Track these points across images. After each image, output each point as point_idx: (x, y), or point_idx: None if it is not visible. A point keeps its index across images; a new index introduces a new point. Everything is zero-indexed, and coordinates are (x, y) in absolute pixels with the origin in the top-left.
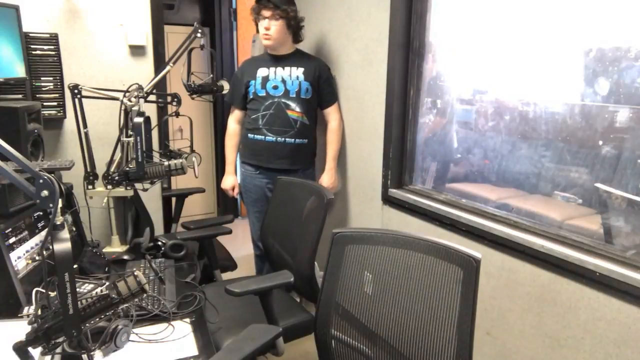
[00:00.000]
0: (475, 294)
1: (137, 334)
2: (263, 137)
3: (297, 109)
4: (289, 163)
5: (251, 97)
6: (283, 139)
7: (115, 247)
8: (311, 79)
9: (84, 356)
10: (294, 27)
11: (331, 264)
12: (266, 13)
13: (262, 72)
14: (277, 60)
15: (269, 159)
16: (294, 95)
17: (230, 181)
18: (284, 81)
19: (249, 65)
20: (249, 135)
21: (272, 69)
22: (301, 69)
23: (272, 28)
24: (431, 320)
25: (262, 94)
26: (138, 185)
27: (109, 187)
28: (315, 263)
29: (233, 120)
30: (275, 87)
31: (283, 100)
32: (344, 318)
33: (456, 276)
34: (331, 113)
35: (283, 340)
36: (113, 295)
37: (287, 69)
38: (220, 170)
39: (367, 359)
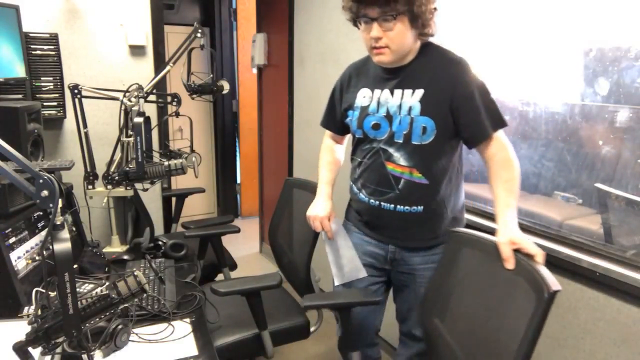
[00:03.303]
0: (540, 325)
1: (137, 334)
2: (358, 192)
3: (402, 162)
4: (396, 236)
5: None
6: (377, 202)
7: (115, 247)
8: (437, 110)
9: (84, 356)
10: (423, 22)
11: (443, 263)
12: (372, 12)
13: (362, 97)
14: (389, 75)
15: (372, 223)
16: (401, 140)
17: (321, 207)
18: (389, 116)
19: (352, 76)
20: (351, 184)
21: (377, 92)
22: (419, 92)
23: (386, 36)
24: (493, 335)
25: (359, 135)
26: (138, 185)
27: (109, 187)
28: (312, 267)
29: (328, 137)
30: (377, 127)
31: (383, 147)
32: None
33: (529, 301)
34: (489, 147)
35: (275, 343)
36: (113, 295)
37: (398, 92)
38: (220, 169)
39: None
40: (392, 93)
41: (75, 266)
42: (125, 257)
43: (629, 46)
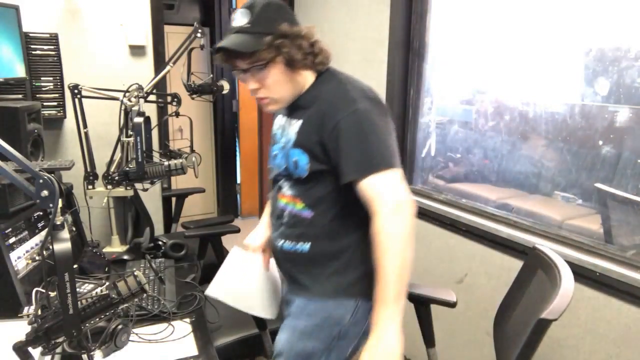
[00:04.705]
0: (526, 352)
1: (137, 334)
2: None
3: (288, 192)
4: (288, 281)
5: None
6: (273, 235)
7: (115, 247)
8: (308, 144)
9: (84, 356)
10: (302, 61)
11: (518, 278)
12: (241, 64)
13: (277, 125)
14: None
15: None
16: (283, 171)
17: (252, 236)
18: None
19: None
20: None
21: (284, 120)
22: (298, 124)
23: (264, 86)
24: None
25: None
26: (138, 185)
27: (109, 187)
28: None
29: None
30: (275, 157)
31: (277, 178)
32: None
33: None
34: (368, 197)
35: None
36: (113, 295)
37: (290, 122)
38: (220, 169)
39: None
40: (290, 121)
41: (75, 266)
42: (125, 257)
43: (629, 46)
